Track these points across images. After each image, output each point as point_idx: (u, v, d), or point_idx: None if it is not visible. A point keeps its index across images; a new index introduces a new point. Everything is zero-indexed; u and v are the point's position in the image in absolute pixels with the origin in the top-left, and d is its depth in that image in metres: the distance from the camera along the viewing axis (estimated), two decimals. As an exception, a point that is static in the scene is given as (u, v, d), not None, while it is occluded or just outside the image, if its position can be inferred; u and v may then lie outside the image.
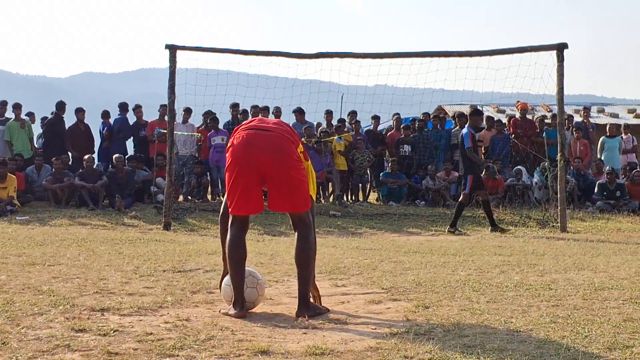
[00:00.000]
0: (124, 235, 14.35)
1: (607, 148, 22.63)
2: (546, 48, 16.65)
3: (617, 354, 5.27)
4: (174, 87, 16.89)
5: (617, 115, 31.04)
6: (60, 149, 20.66)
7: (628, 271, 9.58)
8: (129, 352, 5.27)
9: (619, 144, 22.70)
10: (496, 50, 17.21)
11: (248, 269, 6.97)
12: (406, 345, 5.49)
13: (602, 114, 31.81)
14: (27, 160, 20.40)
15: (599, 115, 30.86)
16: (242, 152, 6.55)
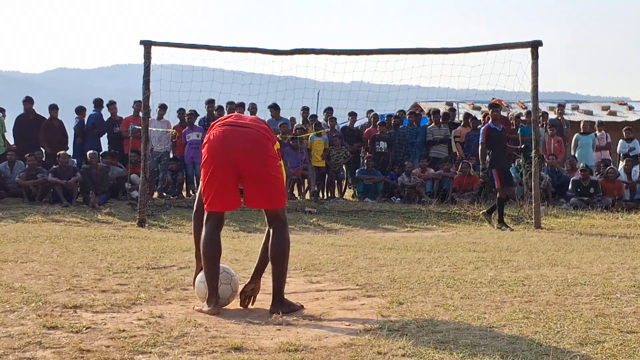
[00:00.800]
0: (98, 232, 14.29)
1: (581, 145, 22.72)
2: (521, 45, 16.69)
3: (589, 349, 5.30)
4: (149, 83, 16.83)
5: (592, 113, 31.17)
6: (33, 145, 20.49)
7: (601, 267, 9.64)
8: (101, 349, 5.26)
9: (593, 141, 22.81)
10: (471, 47, 17.25)
11: (222, 266, 6.96)
12: (380, 341, 5.50)
13: (576, 111, 31.96)
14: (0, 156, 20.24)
15: (573, 113, 30.99)
16: (219, 148, 6.56)
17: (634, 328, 5.96)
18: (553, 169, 21.35)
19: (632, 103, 34.57)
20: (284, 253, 6.74)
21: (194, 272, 7.33)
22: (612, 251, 11.79)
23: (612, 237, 14.19)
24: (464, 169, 20.75)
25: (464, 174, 20.75)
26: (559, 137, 22.81)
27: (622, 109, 32.73)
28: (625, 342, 5.51)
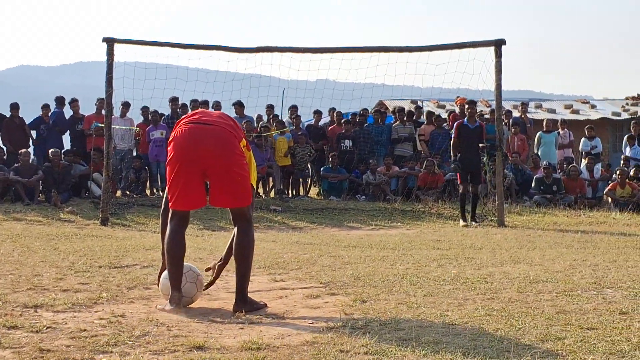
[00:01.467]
0: (60, 230, 14.22)
1: (544, 143, 22.85)
2: (484, 44, 16.77)
3: (550, 346, 5.34)
4: (112, 81, 16.72)
5: (555, 111, 31.35)
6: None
7: (563, 264, 9.71)
8: (62, 349, 5.23)
9: (556, 139, 22.95)
10: (435, 45, 17.32)
11: (187, 264, 6.96)
12: (342, 339, 5.51)
13: (539, 109, 32.12)
14: (-40, 155, 20.09)
15: (536, 111, 31.15)
16: (184, 145, 6.54)
17: (595, 325, 6.00)
18: (516, 167, 21.47)
19: (594, 102, 34.84)
20: (248, 252, 6.72)
21: (158, 270, 7.31)
22: (574, 248, 11.88)
23: (574, 235, 14.28)
24: (429, 167, 20.81)
25: (429, 172, 20.81)
26: (522, 135, 22.94)
27: (585, 108, 32.96)
28: (586, 338, 5.55)
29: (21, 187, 18.63)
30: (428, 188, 20.68)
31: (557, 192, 20.42)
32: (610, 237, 13.80)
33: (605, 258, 10.46)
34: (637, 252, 11.28)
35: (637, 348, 5.28)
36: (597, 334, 5.68)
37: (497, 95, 16.66)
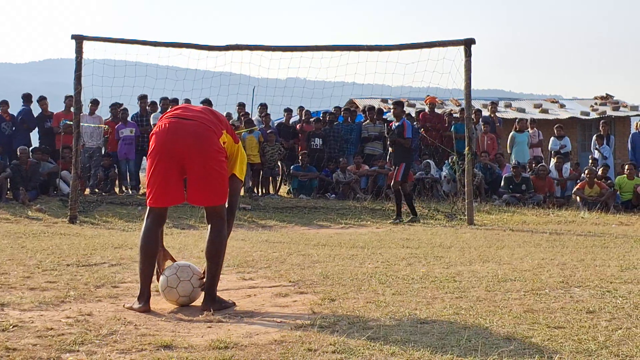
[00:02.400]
0: (28, 228, 14.15)
1: (517, 142, 22.96)
2: (454, 43, 16.80)
3: (517, 344, 5.36)
4: (81, 78, 16.63)
5: (524, 110, 31.48)
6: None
7: (531, 263, 9.76)
8: (28, 347, 5.21)
9: (528, 138, 23.06)
10: (405, 44, 17.33)
11: (184, 262, 7.04)
12: (310, 337, 5.51)
13: (509, 108, 32.24)
14: None
15: (506, 110, 31.27)
16: (163, 140, 6.50)
17: (562, 323, 6.04)
18: (486, 166, 21.55)
19: (563, 101, 35.02)
20: (219, 251, 6.70)
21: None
22: (542, 247, 11.94)
23: (542, 234, 14.36)
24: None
25: (399, 171, 20.86)
26: (491, 134, 23.04)
27: (554, 107, 33.13)
28: (553, 337, 5.58)
29: (-12, 185, 18.57)
30: (398, 187, 20.74)
31: (526, 191, 20.54)
32: (578, 236, 13.88)
33: (573, 257, 10.52)
34: (604, 252, 11.35)
35: (603, 347, 5.31)
36: (564, 333, 5.71)
37: (467, 94, 16.70)
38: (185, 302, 6.82)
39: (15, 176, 18.92)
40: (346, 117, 23.22)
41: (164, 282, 6.81)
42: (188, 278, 6.81)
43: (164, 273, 6.89)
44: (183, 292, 6.77)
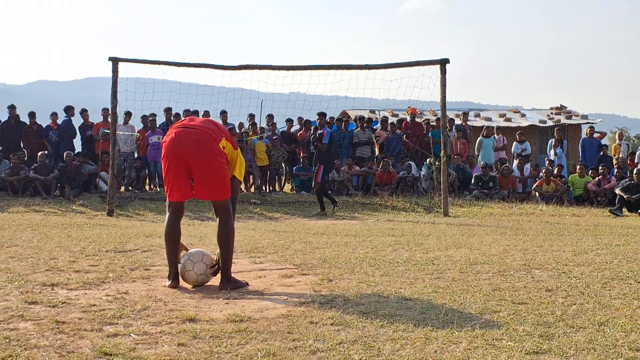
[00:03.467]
0: (73, 220, 14.12)
1: (484, 146, 22.97)
2: (431, 63, 16.79)
3: (487, 317, 5.37)
4: (116, 94, 16.63)
5: (491, 119, 31.42)
6: (16, 146, 20.49)
7: (497, 249, 9.74)
8: (75, 320, 5.20)
9: (492, 143, 23.06)
10: (390, 64, 17.30)
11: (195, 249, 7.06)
12: (312, 312, 5.51)
13: (478, 117, 32.17)
14: (-13, 157, 20.10)
15: (475, 119, 31.20)
16: (171, 146, 6.62)
17: (524, 300, 6.04)
18: (458, 166, 21.56)
19: (524, 111, 34.94)
20: (228, 238, 6.76)
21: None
22: (507, 235, 11.93)
23: (507, 224, 14.35)
24: (384, 166, 20.86)
25: (384, 171, 20.86)
26: (463, 139, 23.06)
27: (516, 116, 33.06)
28: (517, 311, 5.58)
29: (39, 184, 18.80)
30: (384, 184, 20.74)
31: (492, 187, 20.55)
32: (537, 226, 13.87)
33: (533, 243, 10.51)
34: (560, 239, 11.35)
35: (560, 319, 5.31)
36: (527, 308, 5.71)
37: (442, 106, 16.69)
38: (203, 281, 6.83)
39: (62, 176, 19.12)
40: (339, 126, 23.20)
41: (182, 269, 6.85)
42: (200, 259, 6.84)
43: (180, 262, 6.94)
44: (199, 272, 6.78)
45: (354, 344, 4.62)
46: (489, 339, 4.77)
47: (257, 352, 4.43)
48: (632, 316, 5.48)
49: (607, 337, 4.84)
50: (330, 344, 4.60)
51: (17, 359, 4.24)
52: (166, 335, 4.85)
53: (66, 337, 4.76)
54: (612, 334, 4.93)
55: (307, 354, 4.40)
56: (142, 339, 4.73)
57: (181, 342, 4.66)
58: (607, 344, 4.66)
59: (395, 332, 4.93)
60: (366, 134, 22.65)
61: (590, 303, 5.94)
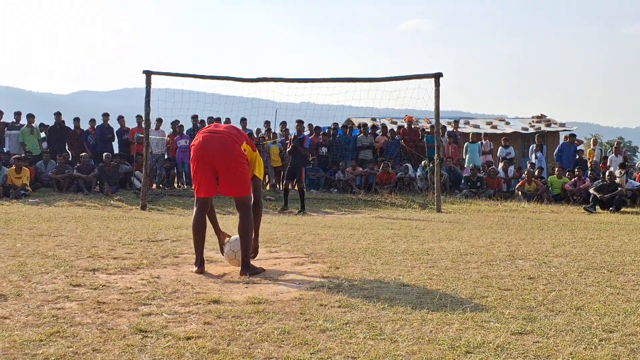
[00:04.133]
0: (111, 213, 14.16)
1: (470, 150, 22.94)
2: (426, 76, 16.77)
3: (476, 302, 5.37)
4: (149, 102, 16.67)
5: (478, 126, 31.34)
6: (62, 148, 20.63)
7: (485, 241, 9.74)
8: (114, 301, 5.23)
9: (479, 147, 23.03)
10: (389, 77, 17.31)
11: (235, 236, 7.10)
12: (322, 295, 5.52)
13: (467, 125, 32.08)
14: (36, 157, 20.33)
15: (465, 126, 31.13)
16: (199, 149, 6.69)
17: (509, 286, 6.04)
18: (450, 168, 21.55)
19: (508, 119, 34.83)
20: (248, 230, 6.81)
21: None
22: (493, 229, 11.92)
23: (493, 219, 14.33)
24: (384, 168, 20.86)
25: (384, 172, 20.86)
26: (454, 144, 23.04)
27: (501, 124, 32.97)
28: (503, 297, 5.58)
29: (82, 182, 19.05)
30: (383, 183, 20.73)
31: (480, 187, 20.53)
32: (520, 221, 13.85)
33: (516, 237, 10.50)
34: (540, 233, 11.33)
35: (541, 304, 5.32)
36: (511, 294, 5.71)
37: (436, 114, 16.68)
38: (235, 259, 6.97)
39: (101, 175, 19.28)
40: (345, 132, 23.24)
41: (227, 256, 7.02)
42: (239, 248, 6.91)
43: (224, 249, 7.08)
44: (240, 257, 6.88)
45: (358, 324, 4.64)
46: (479, 320, 4.77)
47: (274, 330, 4.44)
48: (606, 302, 5.49)
49: (584, 320, 4.84)
50: (337, 324, 4.62)
51: (63, 334, 4.27)
52: (194, 314, 4.87)
53: (106, 315, 4.79)
54: (587, 317, 4.94)
55: (317, 332, 4.41)
56: (172, 318, 4.75)
57: (207, 321, 4.68)
58: (584, 326, 4.66)
59: (395, 314, 4.94)
60: (368, 139, 22.68)
61: (568, 290, 5.94)
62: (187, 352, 3.95)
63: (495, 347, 4.12)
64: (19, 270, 6.44)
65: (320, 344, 4.15)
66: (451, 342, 4.21)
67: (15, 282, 5.89)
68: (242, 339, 4.24)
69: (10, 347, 3.97)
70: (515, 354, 4.02)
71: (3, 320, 4.59)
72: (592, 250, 8.87)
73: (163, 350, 3.97)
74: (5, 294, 5.38)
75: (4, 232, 9.84)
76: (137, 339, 4.20)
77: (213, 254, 7.88)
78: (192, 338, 4.23)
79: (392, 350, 4.03)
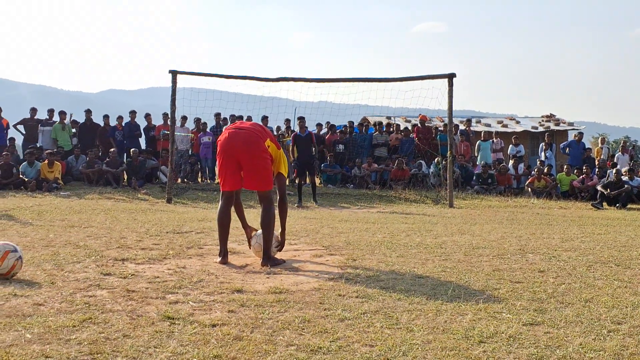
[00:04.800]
0: (138, 206, 14.22)
1: (482, 148, 22.85)
2: (441, 77, 16.71)
3: (489, 294, 5.36)
4: (175, 101, 16.72)
5: (490, 125, 31.27)
6: (91, 144, 20.75)
7: (496, 235, 9.71)
8: (142, 289, 5.26)
9: (490, 145, 22.94)
10: (404, 77, 17.27)
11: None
12: (340, 286, 5.53)
13: (479, 124, 32.02)
14: (67, 152, 20.43)
15: (476, 125, 31.07)
16: (225, 144, 6.72)
17: (520, 279, 6.03)
18: (462, 165, 21.46)
19: (518, 118, 34.72)
20: (270, 223, 6.81)
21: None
22: (503, 224, 11.88)
23: (503, 214, 14.28)
24: (399, 164, 20.81)
25: (398, 168, 20.81)
26: (467, 142, 22.93)
27: (512, 123, 32.87)
28: (514, 289, 5.57)
29: (110, 176, 19.20)
30: (398, 180, 20.68)
31: (491, 183, 20.43)
32: (530, 217, 13.80)
33: (527, 231, 10.47)
34: (549, 228, 11.29)
35: (551, 297, 5.30)
36: (522, 286, 5.70)
37: (449, 114, 16.62)
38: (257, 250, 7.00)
39: (128, 170, 19.48)
40: (360, 130, 23.20)
41: (254, 248, 7.07)
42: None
43: (251, 242, 7.13)
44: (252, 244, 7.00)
45: (375, 314, 4.64)
46: (491, 311, 4.77)
47: (295, 319, 4.45)
48: (614, 294, 5.47)
49: (592, 312, 4.83)
50: (355, 313, 4.62)
51: (95, 320, 4.30)
52: (218, 303, 4.89)
53: (135, 303, 4.82)
54: (596, 309, 4.92)
55: (336, 321, 4.42)
56: (198, 306, 4.77)
57: (231, 309, 4.70)
58: (592, 318, 4.65)
59: (411, 305, 4.94)
60: (383, 136, 22.63)
61: (577, 283, 5.92)
62: (213, 338, 3.97)
63: (508, 337, 4.12)
64: (52, 260, 6.49)
65: (340, 332, 4.16)
66: (465, 332, 4.21)
67: (49, 270, 5.94)
68: (265, 326, 4.26)
69: (45, 332, 4.01)
70: (526, 343, 4.01)
71: (38, 306, 4.63)
72: (599, 245, 8.83)
73: (190, 336, 4.00)
74: (40, 282, 5.43)
75: (37, 224, 9.92)
76: (165, 325, 4.23)
77: (236, 246, 7.91)
78: (217, 325, 4.25)
79: (408, 339, 4.03)
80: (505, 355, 3.79)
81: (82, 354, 3.63)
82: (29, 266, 6.09)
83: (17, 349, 3.68)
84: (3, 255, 5.47)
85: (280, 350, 3.79)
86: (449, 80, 16.44)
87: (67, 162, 19.63)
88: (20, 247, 6.55)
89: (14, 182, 17.74)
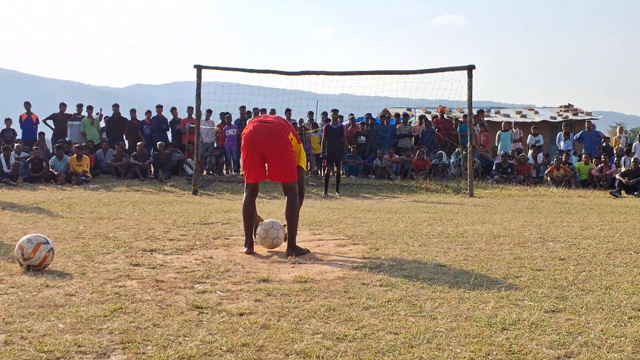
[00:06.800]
0: (165, 198, 14.29)
1: (502, 139, 22.69)
2: (460, 69, 16.62)
3: (510, 281, 5.33)
4: (200, 95, 16.76)
5: (509, 116, 30.98)
6: (119, 138, 20.85)
7: (516, 224, 9.65)
8: (171, 279, 5.29)
9: (510, 135, 22.81)
10: (424, 70, 17.17)
11: (268, 220, 7.12)
12: (364, 275, 5.53)
13: (498, 114, 31.78)
14: (96, 146, 20.54)
15: (496, 116, 30.86)
16: (249, 137, 6.72)
17: (541, 267, 5.99)
18: (482, 155, 21.35)
19: (537, 109, 34.38)
20: (294, 213, 6.82)
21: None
22: (523, 213, 11.80)
23: (523, 203, 14.18)
24: (420, 155, 20.75)
25: (420, 159, 20.74)
26: (486, 132, 22.82)
27: (530, 113, 32.58)
28: (535, 277, 5.54)
29: (138, 169, 19.30)
30: (419, 170, 20.61)
31: (511, 173, 20.31)
32: (549, 205, 13.69)
33: (546, 220, 10.39)
34: (569, 216, 11.20)
35: (572, 284, 5.26)
36: (543, 274, 5.66)
37: (469, 104, 16.54)
38: (277, 244, 6.97)
39: (155, 162, 19.57)
40: (382, 121, 23.13)
41: (259, 235, 6.97)
42: (271, 226, 6.94)
43: (257, 230, 7.03)
44: (272, 237, 6.92)
45: (399, 302, 4.63)
46: (513, 299, 4.74)
47: (320, 307, 4.45)
48: (634, 281, 5.41)
49: (613, 299, 4.78)
50: (380, 302, 4.61)
51: (126, 310, 4.32)
52: (245, 292, 4.90)
53: (164, 293, 4.84)
54: (616, 296, 4.88)
55: (361, 310, 4.41)
56: (225, 295, 4.79)
57: (257, 298, 4.71)
58: (613, 305, 4.61)
59: (434, 293, 4.92)
60: (407, 127, 22.56)
61: (597, 270, 5.87)
62: (241, 327, 3.98)
63: (530, 324, 4.09)
64: (83, 251, 6.54)
65: (364, 320, 4.15)
66: (488, 320, 4.18)
67: (80, 261, 5.99)
68: (291, 315, 4.26)
69: (77, 322, 4.03)
70: (548, 330, 3.98)
71: (69, 297, 4.67)
72: (619, 232, 8.74)
73: (218, 325, 4.01)
74: (71, 273, 5.47)
75: (67, 216, 10.00)
76: (193, 314, 4.24)
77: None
78: (245, 314, 4.26)
79: (432, 327, 4.02)
80: (527, 342, 3.76)
81: (113, 343, 3.66)
82: (60, 257, 6.15)
83: (50, 338, 3.71)
84: (35, 247, 5.51)
85: (307, 338, 3.79)
86: (468, 72, 16.34)
87: (95, 156, 19.82)
88: (51, 239, 6.60)
89: (44, 176, 17.94)
